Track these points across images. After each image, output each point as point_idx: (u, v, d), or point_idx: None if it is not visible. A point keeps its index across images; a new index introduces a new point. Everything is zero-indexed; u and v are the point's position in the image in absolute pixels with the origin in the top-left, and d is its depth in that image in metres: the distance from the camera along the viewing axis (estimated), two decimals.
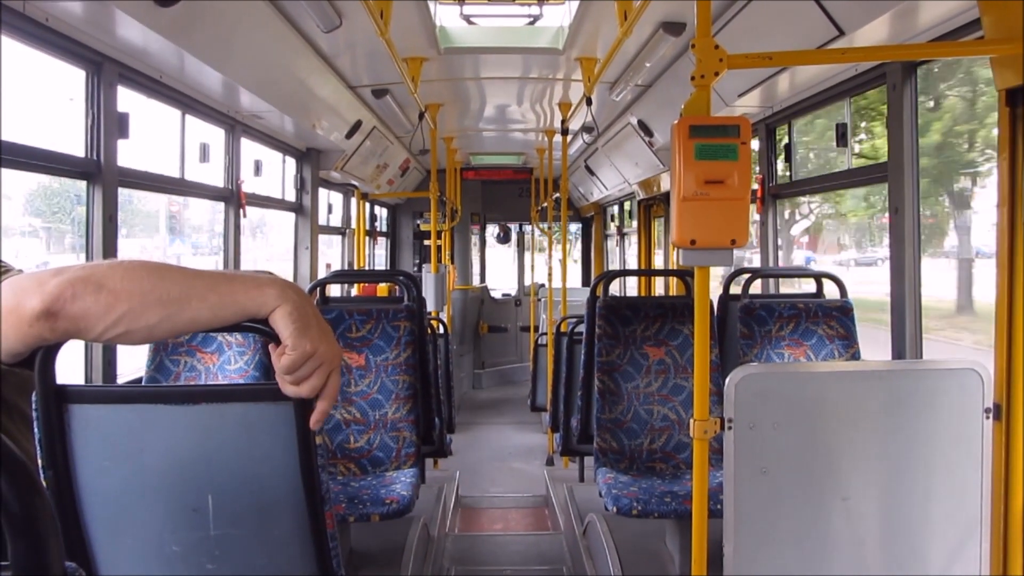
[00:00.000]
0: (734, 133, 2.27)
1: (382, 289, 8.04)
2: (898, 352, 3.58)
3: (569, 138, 7.22)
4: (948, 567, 2.33)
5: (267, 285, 1.19)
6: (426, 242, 11.48)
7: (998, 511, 2.30)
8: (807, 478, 2.31)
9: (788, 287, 5.39)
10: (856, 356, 4.12)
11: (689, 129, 2.27)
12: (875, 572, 2.33)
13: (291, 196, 6.28)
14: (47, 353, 1.21)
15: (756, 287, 4.55)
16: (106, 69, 3.39)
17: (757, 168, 5.20)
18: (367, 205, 8.91)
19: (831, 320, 4.15)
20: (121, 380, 3.72)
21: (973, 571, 2.32)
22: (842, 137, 4.31)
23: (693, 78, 2.32)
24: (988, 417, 2.31)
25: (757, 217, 5.20)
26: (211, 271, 1.21)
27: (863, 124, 4.49)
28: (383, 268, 10.82)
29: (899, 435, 2.35)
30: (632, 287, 10.24)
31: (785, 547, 2.30)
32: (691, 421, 2.38)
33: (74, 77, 3.35)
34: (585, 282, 12.34)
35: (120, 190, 3.54)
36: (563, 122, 6.85)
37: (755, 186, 5.12)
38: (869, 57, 3.47)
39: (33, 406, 1.26)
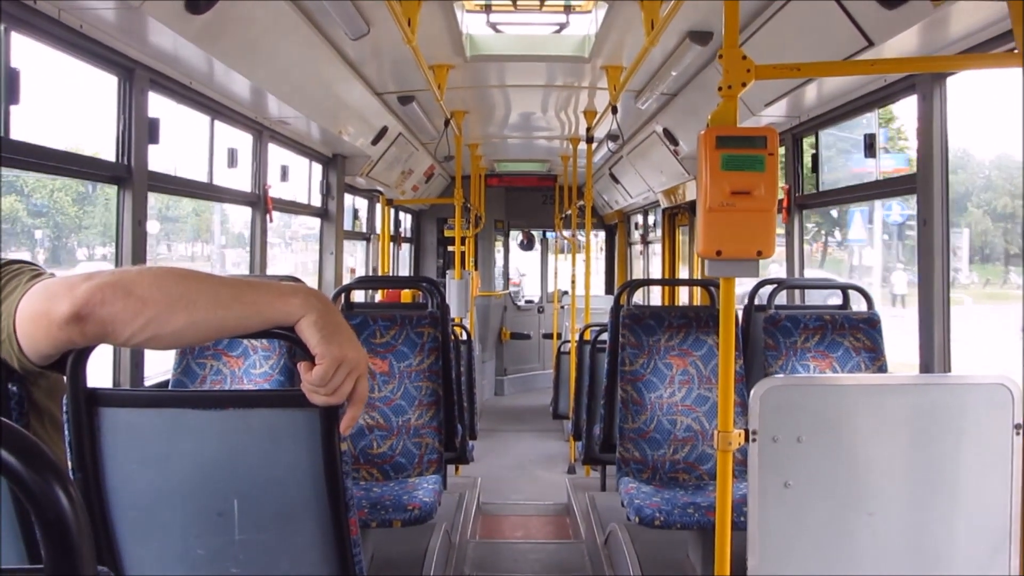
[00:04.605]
0: (761, 144, 2.26)
1: (406, 295, 8.07)
2: (926, 365, 3.54)
3: (594, 146, 7.22)
4: None
5: (291, 295, 1.20)
6: (450, 248, 11.51)
7: None
8: (832, 492, 2.29)
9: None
10: (883, 369, 4.08)
11: (716, 139, 2.26)
12: None
13: (317, 201, 6.32)
14: (78, 356, 1.22)
15: (781, 298, 4.52)
16: (138, 75, 3.44)
17: (783, 178, 5.16)
18: (392, 211, 8.95)
19: (858, 332, 4.11)
20: (148, 383, 3.76)
21: None
22: (870, 147, 4.27)
23: (720, 88, 2.31)
24: (1018, 433, 2.28)
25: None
26: (238, 279, 1.23)
27: None
28: (407, 274, 10.86)
29: (926, 450, 2.32)
30: (656, 295, 10.20)
31: (809, 562, 2.28)
32: (715, 432, 2.37)
33: (107, 83, 3.40)
34: (608, 290, 12.30)
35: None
36: (588, 130, 6.85)
37: (781, 196, 5.09)
38: (898, 69, 3.44)
39: (64, 409, 1.28)
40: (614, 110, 5.46)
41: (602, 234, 12.85)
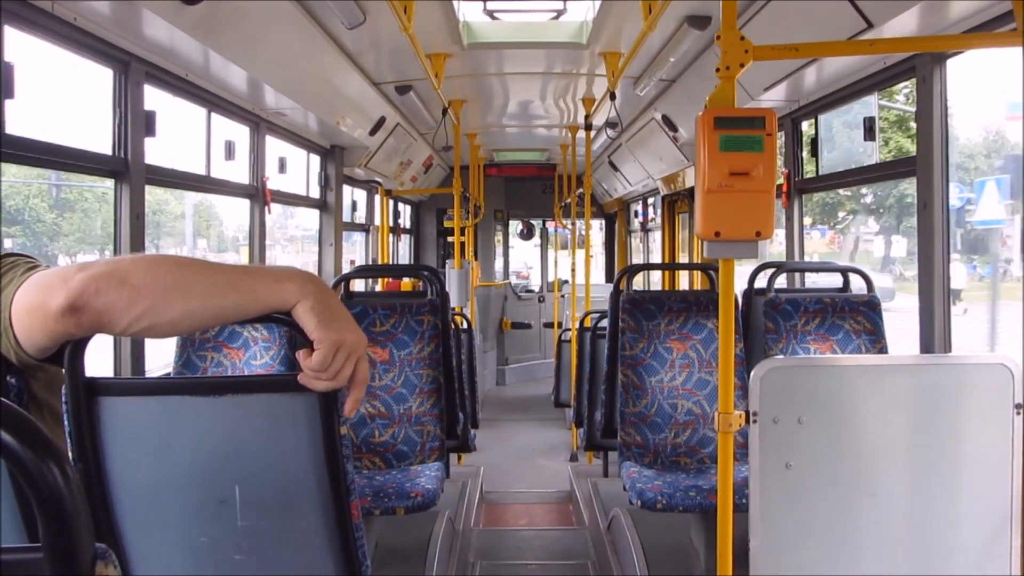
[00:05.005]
0: (760, 125, 2.26)
1: (406, 285, 8.08)
2: (926, 346, 3.54)
3: (593, 134, 7.20)
4: (978, 565, 2.31)
5: (287, 280, 1.20)
6: (449, 239, 11.50)
7: None
8: (833, 473, 2.29)
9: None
10: (883, 352, 4.08)
11: (714, 120, 2.25)
12: (903, 569, 2.30)
13: (315, 193, 6.32)
14: (76, 346, 1.22)
15: (781, 281, 4.52)
16: (133, 68, 3.42)
17: (783, 162, 5.15)
18: (391, 202, 8.94)
19: (858, 315, 4.11)
20: (149, 376, 3.77)
21: (1003, 569, 2.29)
22: (869, 131, 4.26)
23: (718, 69, 2.30)
24: (1019, 413, 2.28)
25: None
26: (234, 266, 1.22)
27: None
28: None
29: (927, 430, 2.32)
30: (656, 283, 10.20)
31: (812, 543, 2.29)
32: (716, 414, 2.37)
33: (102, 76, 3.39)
34: (609, 278, 12.30)
35: None
36: (587, 117, 6.83)
37: (780, 180, 5.08)
38: (898, 48, 3.42)
39: (63, 399, 1.27)
40: (612, 97, 5.44)
41: (602, 222, 12.85)
